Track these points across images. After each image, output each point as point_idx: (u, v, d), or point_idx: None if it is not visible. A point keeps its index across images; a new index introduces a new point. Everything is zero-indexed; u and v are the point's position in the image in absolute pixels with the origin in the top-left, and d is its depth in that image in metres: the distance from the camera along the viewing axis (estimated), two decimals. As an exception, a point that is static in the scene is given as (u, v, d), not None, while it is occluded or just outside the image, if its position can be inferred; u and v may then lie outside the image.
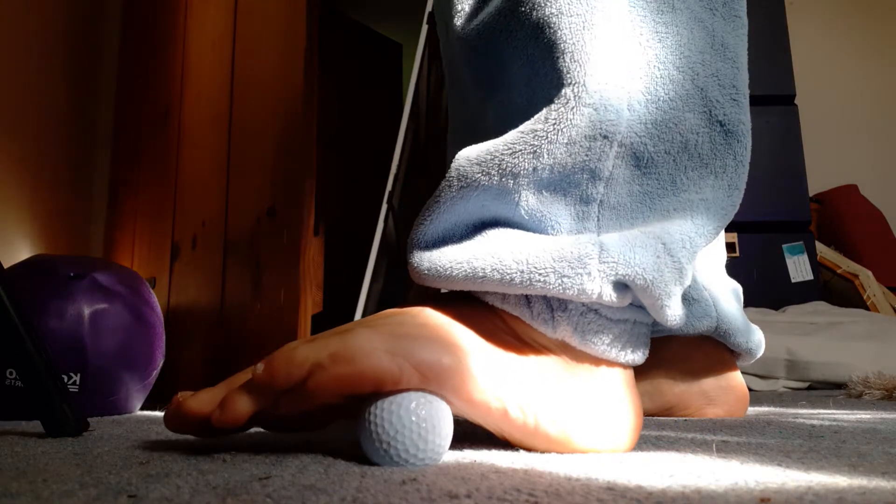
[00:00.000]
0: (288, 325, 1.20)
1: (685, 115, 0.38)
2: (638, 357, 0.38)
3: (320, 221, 1.23)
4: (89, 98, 1.75)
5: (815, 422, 0.55)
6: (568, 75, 0.36)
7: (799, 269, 1.61)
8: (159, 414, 0.78)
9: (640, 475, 0.28)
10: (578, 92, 0.35)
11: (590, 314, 0.36)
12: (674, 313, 0.37)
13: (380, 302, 1.48)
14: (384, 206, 1.45)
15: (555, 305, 0.36)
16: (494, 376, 0.34)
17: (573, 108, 0.35)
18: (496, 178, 0.36)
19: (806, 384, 1.20)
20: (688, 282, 0.38)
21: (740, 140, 0.39)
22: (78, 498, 0.24)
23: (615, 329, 0.37)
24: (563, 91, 0.36)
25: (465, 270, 0.36)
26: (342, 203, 2.17)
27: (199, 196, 1.44)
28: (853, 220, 1.86)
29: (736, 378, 0.63)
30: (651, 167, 0.37)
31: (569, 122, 0.35)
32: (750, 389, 1.18)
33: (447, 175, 0.38)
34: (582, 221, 0.37)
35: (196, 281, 1.40)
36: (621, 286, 0.36)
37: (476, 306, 0.38)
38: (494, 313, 0.37)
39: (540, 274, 0.35)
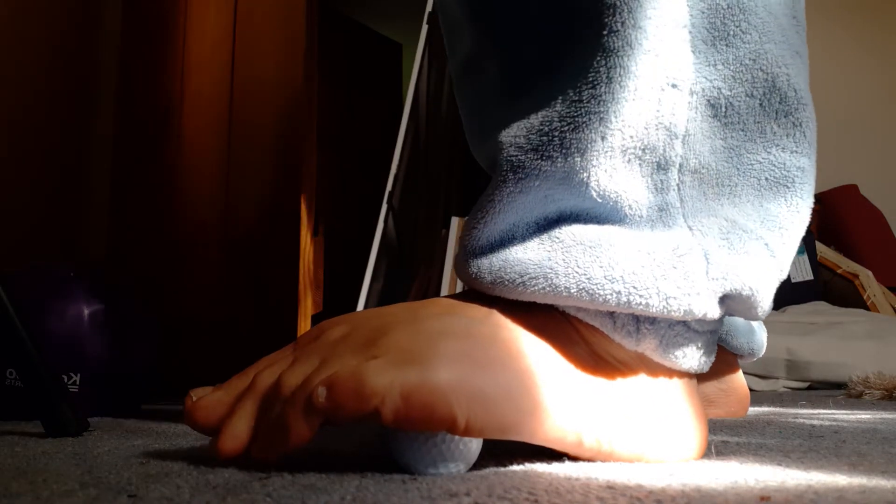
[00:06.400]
0: (288, 325, 1.20)
1: (765, 48, 0.32)
2: (708, 364, 0.35)
3: (320, 221, 1.23)
4: (89, 98, 1.75)
5: (815, 422, 0.55)
6: (618, 15, 0.31)
7: (799, 269, 1.61)
8: (159, 414, 0.78)
9: (640, 474, 0.28)
10: (635, 35, 0.31)
11: (678, 326, 0.33)
12: (764, 313, 0.34)
13: (380, 302, 1.47)
14: (384, 206, 1.45)
15: (641, 318, 0.32)
16: (572, 409, 0.30)
17: (630, 55, 0.31)
18: (560, 161, 0.31)
19: (806, 384, 1.20)
20: (784, 277, 0.34)
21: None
22: (78, 498, 0.24)
23: (699, 340, 0.33)
24: (614, 36, 0.31)
25: (543, 287, 0.31)
26: (342, 203, 2.17)
27: (199, 196, 1.44)
28: (853, 220, 1.86)
29: (737, 379, 0.62)
30: (732, 115, 0.32)
31: (630, 71, 0.30)
32: (750, 389, 1.17)
33: (500, 169, 0.33)
34: (661, 193, 0.32)
35: (196, 281, 1.40)
36: (723, 299, 0.32)
37: (547, 312, 0.33)
38: (568, 322, 0.33)
39: (640, 295, 0.30)
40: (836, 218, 1.86)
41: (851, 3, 2.26)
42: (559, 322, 0.33)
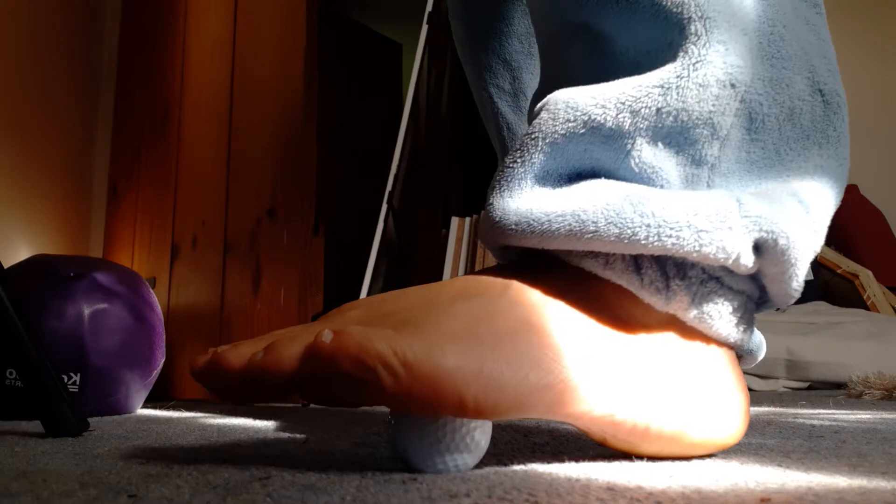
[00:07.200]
0: (288, 325, 1.20)
1: (795, 78, 0.34)
2: (748, 337, 0.33)
3: (320, 221, 1.23)
4: (89, 98, 1.75)
5: (815, 422, 0.55)
6: (695, 8, 0.32)
7: (799, 269, 1.60)
8: (159, 414, 0.78)
9: (640, 475, 0.28)
10: (709, 26, 0.31)
11: (711, 282, 0.31)
12: (799, 285, 0.33)
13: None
14: (384, 206, 1.45)
15: (671, 272, 0.31)
16: (599, 380, 0.29)
17: (705, 43, 0.31)
18: (612, 113, 0.31)
19: (806, 384, 1.20)
20: (819, 248, 0.34)
21: (837, 112, 0.35)
22: (78, 498, 0.24)
23: (735, 301, 0.32)
24: (691, 26, 0.31)
25: (570, 224, 0.30)
26: (342, 203, 2.17)
27: (199, 196, 1.44)
28: (853, 220, 1.86)
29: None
30: (760, 133, 0.33)
31: (703, 58, 0.31)
32: (750, 389, 1.17)
33: (548, 107, 0.33)
34: (692, 185, 0.32)
35: (196, 281, 1.40)
36: (755, 249, 0.31)
37: (568, 279, 0.32)
38: (592, 285, 0.31)
39: (672, 228, 0.29)
40: (836, 218, 1.85)
41: (851, 3, 2.26)
42: (582, 289, 0.31)
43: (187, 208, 1.47)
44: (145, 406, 0.88)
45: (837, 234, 1.83)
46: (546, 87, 0.43)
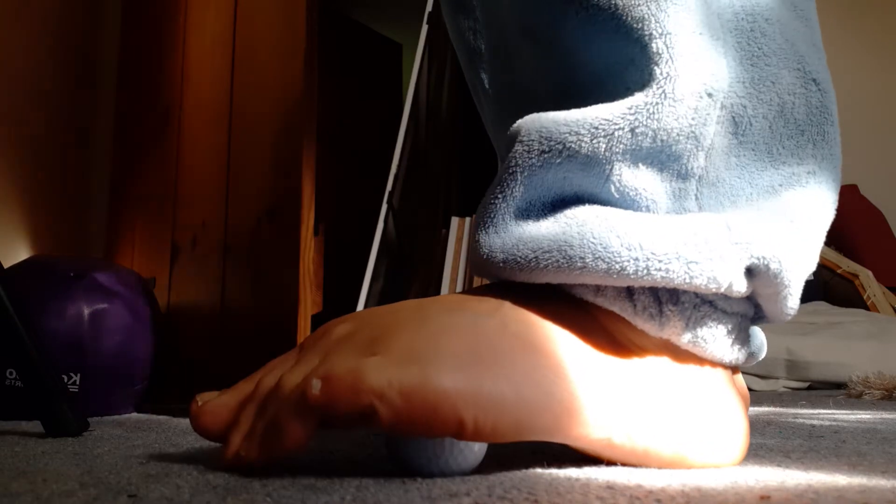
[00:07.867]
0: (288, 325, 1.20)
1: (781, 73, 0.33)
2: (742, 356, 0.33)
3: (320, 221, 1.23)
4: (89, 98, 1.75)
5: (815, 422, 0.55)
6: (655, 24, 0.31)
7: (799, 269, 1.60)
8: (159, 414, 0.78)
9: (640, 474, 0.28)
10: (670, 42, 0.31)
11: (704, 306, 0.31)
12: (794, 304, 0.32)
13: (380, 302, 1.47)
14: (384, 206, 1.45)
15: (664, 298, 0.30)
16: (597, 403, 0.28)
17: (668, 60, 0.30)
18: (586, 140, 0.30)
19: (806, 384, 1.20)
20: (814, 266, 0.33)
21: (833, 102, 0.34)
22: (78, 498, 0.24)
23: (730, 323, 0.32)
24: (653, 44, 0.31)
25: (557, 260, 0.30)
26: (342, 203, 2.17)
27: (199, 196, 1.44)
28: (853, 220, 1.86)
29: (737, 381, 0.62)
30: (748, 135, 0.32)
31: (668, 75, 0.30)
32: (750, 389, 1.18)
33: (521, 139, 0.32)
34: (679, 201, 0.32)
35: (196, 281, 1.40)
36: (748, 273, 0.31)
37: (562, 301, 0.31)
38: (585, 310, 0.31)
39: (660, 261, 0.29)
40: (836, 218, 1.86)
41: (851, 2, 2.26)
42: (576, 311, 0.31)
43: (187, 208, 1.47)
44: (144, 406, 0.88)
45: (837, 234, 1.83)
46: (503, 98, 0.42)
